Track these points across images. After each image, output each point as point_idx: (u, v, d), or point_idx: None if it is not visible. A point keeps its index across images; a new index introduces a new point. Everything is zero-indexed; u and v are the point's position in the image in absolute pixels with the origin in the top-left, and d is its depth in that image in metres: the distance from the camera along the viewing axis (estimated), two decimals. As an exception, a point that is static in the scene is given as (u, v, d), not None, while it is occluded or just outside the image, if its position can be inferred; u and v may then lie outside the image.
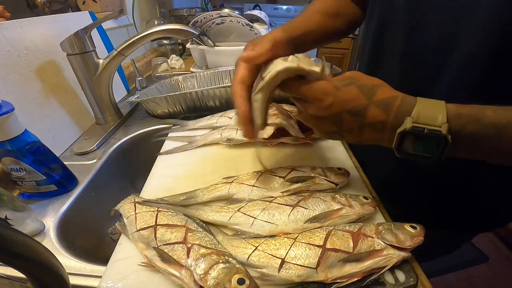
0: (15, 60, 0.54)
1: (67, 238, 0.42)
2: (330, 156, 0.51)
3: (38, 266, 0.20)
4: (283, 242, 0.32)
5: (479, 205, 0.48)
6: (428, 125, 0.27)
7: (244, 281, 0.27)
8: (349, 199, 0.37)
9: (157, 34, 0.61)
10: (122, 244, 0.36)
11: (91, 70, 0.62)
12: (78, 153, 0.59)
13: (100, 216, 0.53)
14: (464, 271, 1.41)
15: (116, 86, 0.79)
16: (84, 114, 0.69)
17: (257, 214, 0.36)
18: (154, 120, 0.72)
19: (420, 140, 0.28)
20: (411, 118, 0.28)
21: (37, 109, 0.56)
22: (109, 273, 0.32)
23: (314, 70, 0.31)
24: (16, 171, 0.43)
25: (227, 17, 0.96)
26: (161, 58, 0.99)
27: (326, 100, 0.31)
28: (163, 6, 1.44)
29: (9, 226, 0.24)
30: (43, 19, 0.64)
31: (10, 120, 0.39)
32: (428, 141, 0.28)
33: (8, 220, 0.36)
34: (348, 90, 0.31)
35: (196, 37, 0.94)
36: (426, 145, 0.28)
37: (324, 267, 0.29)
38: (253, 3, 2.78)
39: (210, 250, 0.31)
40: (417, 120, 0.28)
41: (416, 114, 0.28)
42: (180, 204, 0.39)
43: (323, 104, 0.31)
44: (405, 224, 0.33)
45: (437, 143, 0.28)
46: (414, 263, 0.33)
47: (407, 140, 0.29)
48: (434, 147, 0.28)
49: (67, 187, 0.49)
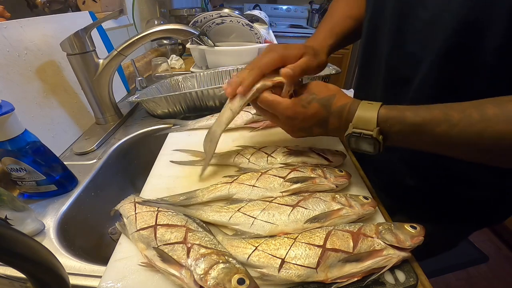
0: (15, 60, 0.54)
1: (67, 238, 0.42)
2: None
3: (38, 266, 0.20)
4: (283, 242, 0.32)
5: (477, 200, 0.49)
6: (363, 129, 0.35)
7: (244, 281, 0.27)
8: (349, 199, 0.37)
9: (157, 34, 0.61)
10: (122, 244, 0.36)
11: (91, 70, 0.62)
12: (78, 153, 0.59)
13: (100, 216, 0.53)
14: (464, 271, 1.41)
15: (116, 86, 0.79)
16: (84, 114, 0.69)
17: (257, 214, 0.36)
18: (154, 120, 0.72)
19: (360, 140, 0.35)
20: (351, 124, 0.36)
21: (37, 109, 0.56)
22: (109, 273, 0.32)
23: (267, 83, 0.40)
24: (16, 171, 0.43)
25: (227, 17, 0.96)
26: (161, 58, 0.99)
27: (298, 118, 0.39)
28: (163, 6, 1.44)
29: (9, 226, 0.24)
30: (43, 19, 0.64)
31: (10, 120, 0.39)
32: (366, 141, 0.35)
33: (8, 220, 0.36)
34: (312, 107, 0.38)
35: (196, 37, 0.94)
36: (365, 144, 0.36)
37: (324, 267, 0.29)
38: (253, 3, 2.78)
39: (210, 250, 0.31)
40: (356, 126, 0.35)
41: (355, 121, 0.35)
42: (180, 204, 0.39)
43: (295, 122, 0.40)
44: (405, 224, 0.33)
45: (372, 142, 0.35)
46: (414, 263, 0.33)
47: (352, 140, 0.36)
48: (371, 145, 0.35)
49: (67, 187, 0.49)
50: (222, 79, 0.89)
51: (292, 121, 0.40)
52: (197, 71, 0.92)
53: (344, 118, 0.37)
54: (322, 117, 0.38)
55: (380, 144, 0.34)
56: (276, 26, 2.61)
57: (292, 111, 0.39)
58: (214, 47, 0.94)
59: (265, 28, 1.29)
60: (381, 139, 0.34)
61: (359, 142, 0.36)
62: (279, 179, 0.41)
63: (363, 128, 0.34)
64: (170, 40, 1.28)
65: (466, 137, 0.30)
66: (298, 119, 0.39)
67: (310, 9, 2.82)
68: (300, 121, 0.39)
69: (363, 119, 0.35)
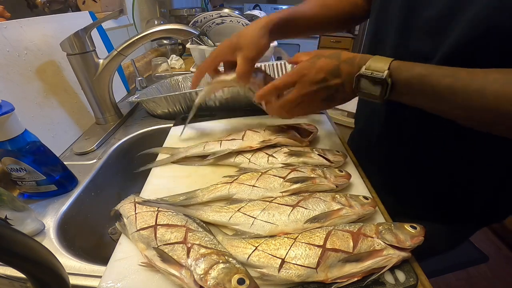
0: (15, 60, 0.54)
1: (67, 238, 0.42)
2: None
3: (38, 266, 0.20)
4: (283, 242, 0.32)
5: (478, 199, 0.49)
6: (375, 71, 0.37)
7: (244, 281, 0.27)
8: (349, 199, 0.37)
9: (157, 34, 0.61)
10: (122, 244, 0.36)
11: (91, 70, 0.62)
12: (78, 153, 0.59)
13: (100, 216, 0.53)
14: (464, 271, 1.41)
15: (116, 86, 0.79)
16: (84, 114, 0.69)
17: (257, 214, 0.36)
18: (154, 120, 0.72)
19: (370, 81, 0.37)
20: (364, 66, 0.38)
21: (37, 109, 0.56)
22: (109, 273, 0.32)
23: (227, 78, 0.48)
24: (16, 171, 0.43)
25: (227, 17, 0.96)
26: (161, 58, 0.99)
27: (311, 72, 0.41)
28: (163, 6, 1.44)
29: (9, 226, 0.24)
30: (43, 19, 0.64)
31: (10, 120, 0.39)
32: (375, 82, 0.37)
33: (8, 220, 0.36)
34: (321, 61, 0.40)
35: (196, 37, 0.94)
36: (373, 86, 0.37)
37: (324, 267, 0.29)
38: (253, 3, 2.79)
39: (210, 250, 0.31)
40: (368, 68, 0.37)
41: (368, 64, 0.37)
42: (180, 204, 0.39)
43: (310, 75, 0.41)
44: (405, 224, 0.33)
45: (380, 83, 0.36)
46: (414, 263, 0.33)
47: (361, 82, 0.38)
48: (380, 87, 0.37)
49: (67, 187, 0.49)
50: (222, 79, 0.89)
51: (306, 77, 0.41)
52: (197, 71, 0.92)
53: (357, 64, 0.39)
54: (334, 65, 0.40)
55: (387, 87, 0.36)
56: (276, 26, 2.60)
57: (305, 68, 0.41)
58: (214, 47, 0.94)
59: (265, 28, 1.28)
60: (390, 81, 0.36)
61: (368, 82, 0.37)
62: (279, 179, 0.41)
63: (374, 70, 0.37)
64: (170, 40, 1.28)
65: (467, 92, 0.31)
66: (311, 73, 0.40)
67: (310, 9, 2.81)
68: (314, 74, 0.40)
69: (376, 63, 0.37)
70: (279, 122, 0.54)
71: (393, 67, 0.36)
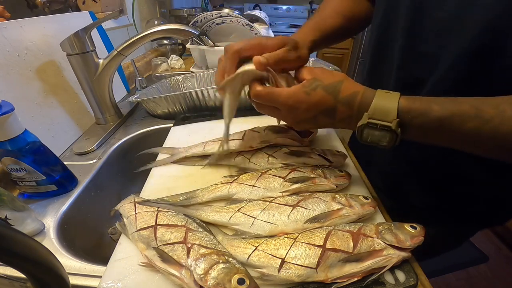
0: (15, 60, 0.54)
1: (67, 238, 0.42)
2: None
3: (38, 266, 0.20)
4: (283, 242, 0.32)
5: (481, 200, 0.49)
6: (381, 121, 0.32)
7: (244, 281, 0.27)
8: (349, 199, 0.37)
9: (157, 34, 0.61)
10: (122, 244, 0.36)
11: (91, 70, 0.62)
12: (78, 153, 0.59)
13: (100, 216, 0.53)
14: (464, 271, 1.41)
15: (116, 86, 0.79)
16: (84, 114, 0.69)
17: (257, 214, 0.36)
18: (154, 120, 0.72)
19: (376, 132, 0.33)
20: (367, 114, 0.32)
21: (37, 109, 0.56)
22: (109, 273, 0.32)
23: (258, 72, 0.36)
24: (16, 171, 0.43)
25: (227, 17, 0.96)
26: (161, 58, 0.99)
27: (301, 107, 0.35)
28: (163, 6, 1.44)
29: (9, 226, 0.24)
30: (43, 19, 0.64)
31: (10, 120, 0.39)
32: (382, 133, 0.32)
33: (8, 220, 0.36)
34: (316, 94, 0.35)
35: (196, 37, 0.94)
36: (380, 136, 0.33)
37: (324, 267, 0.29)
38: (253, 3, 2.78)
39: (210, 250, 0.31)
40: (372, 116, 0.32)
41: (372, 110, 0.32)
42: (180, 204, 0.39)
43: (298, 112, 0.36)
44: (405, 224, 0.33)
45: (389, 135, 0.32)
46: (414, 263, 0.33)
47: (365, 131, 0.33)
48: (387, 138, 0.33)
49: (67, 187, 0.49)
50: (222, 79, 0.89)
51: (295, 112, 0.36)
52: (197, 71, 0.92)
53: (357, 107, 0.34)
54: (329, 106, 0.35)
55: (397, 137, 0.32)
56: (276, 26, 2.61)
57: (294, 100, 0.35)
58: (214, 47, 0.94)
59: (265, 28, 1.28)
60: (399, 132, 0.31)
61: (374, 134, 0.33)
62: (279, 179, 0.41)
63: (381, 119, 0.32)
64: (170, 40, 1.28)
65: (499, 135, 0.28)
66: (301, 109, 0.35)
67: (310, 9, 2.82)
68: (303, 110, 0.36)
69: (382, 109, 0.32)
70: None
71: (403, 111, 0.31)
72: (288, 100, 0.36)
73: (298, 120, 0.38)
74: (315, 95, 0.35)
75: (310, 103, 0.35)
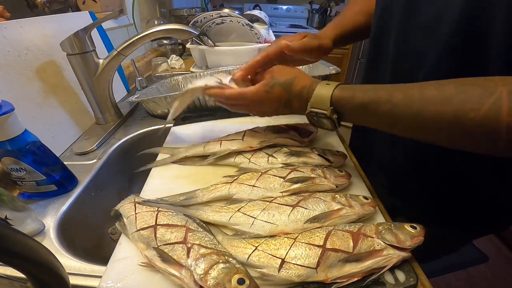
0: (15, 60, 0.54)
1: (67, 238, 0.42)
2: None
3: (38, 266, 0.20)
4: (283, 242, 0.32)
5: (481, 201, 0.48)
6: (319, 109, 0.37)
7: (244, 281, 0.27)
8: (349, 199, 0.37)
9: (157, 34, 0.61)
10: (122, 244, 0.36)
11: (91, 70, 0.62)
12: (78, 153, 0.59)
13: (100, 216, 0.53)
14: (464, 271, 1.41)
15: (116, 86, 0.79)
16: (84, 114, 0.69)
17: (257, 214, 0.36)
18: (154, 120, 0.72)
19: (318, 118, 0.39)
20: (309, 104, 0.38)
21: (37, 109, 0.56)
22: (109, 273, 0.32)
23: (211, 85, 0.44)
24: (16, 171, 0.43)
25: (227, 17, 0.96)
26: (161, 58, 0.99)
27: (264, 103, 0.42)
28: (163, 6, 1.44)
29: (9, 226, 0.24)
30: (43, 19, 0.64)
31: (10, 120, 0.39)
32: (323, 119, 0.38)
33: (8, 220, 0.36)
34: (275, 91, 0.41)
35: (196, 37, 0.94)
36: (323, 122, 0.39)
37: (324, 267, 0.29)
38: (253, 3, 2.78)
39: (210, 250, 0.31)
40: (312, 105, 0.38)
41: (312, 100, 0.38)
42: (180, 204, 0.39)
43: (262, 107, 0.43)
44: (405, 224, 0.33)
45: (328, 121, 0.38)
46: (414, 263, 0.33)
47: (313, 118, 0.39)
48: (328, 123, 0.38)
49: (67, 187, 0.49)
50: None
51: (259, 106, 0.43)
52: (197, 71, 0.92)
53: (305, 99, 0.39)
54: (285, 100, 0.41)
55: (335, 122, 0.37)
56: (276, 26, 2.61)
57: (257, 97, 0.42)
58: (214, 47, 0.94)
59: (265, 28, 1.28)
60: (335, 118, 0.37)
61: (318, 120, 0.39)
62: (279, 179, 0.41)
63: (319, 107, 0.37)
64: (170, 40, 1.28)
65: (406, 117, 0.31)
66: (264, 104, 0.42)
67: (310, 9, 2.82)
68: (266, 105, 0.43)
69: (319, 98, 0.37)
70: (280, 122, 0.54)
71: (334, 100, 0.36)
72: (253, 97, 0.42)
73: (263, 112, 0.45)
74: (273, 92, 0.41)
75: (271, 99, 0.41)
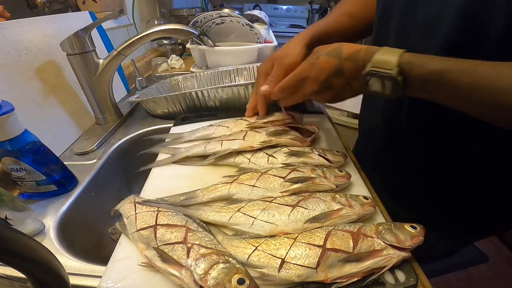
0: (15, 60, 0.54)
1: (67, 238, 0.42)
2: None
3: (38, 266, 0.20)
4: (283, 242, 0.32)
5: (483, 208, 0.48)
6: (382, 69, 0.34)
7: (244, 281, 0.27)
8: (349, 199, 0.37)
9: (157, 34, 0.61)
10: (122, 244, 0.36)
11: (91, 70, 0.62)
12: (78, 153, 0.59)
13: (100, 216, 0.53)
14: (464, 271, 1.41)
15: (116, 86, 0.79)
16: (84, 114, 0.69)
17: (257, 214, 0.36)
18: (154, 120, 0.72)
19: (379, 80, 0.35)
20: (370, 63, 0.35)
21: (37, 109, 0.56)
22: (109, 273, 0.32)
23: None
24: (16, 171, 0.43)
25: (227, 17, 0.96)
26: (161, 58, 0.99)
27: (311, 75, 0.40)
28: (163, 6, 1.44)
29: (9, 226, 0.24)
30: (43, 19, 0.64)
31: (10, 120, 0.39)
32: (384, 81, 0.34)
33: (8, 220, 0.36)
34: (320, 61, 0.39)
35: (196, 37, 0.94)
36: (384, 85, 0.35)
37: (324, 267, 0.29)
38: (253, 3, 2.78)
39: (210, 250, 0.31)
40: (374, 65, 0.34)
41: (374, 60, 0.35)
42: (180, 204, 0.39)
43: (311, 79, 0.40)
44: (405, 224, 0.33)
45: (391, 83, 0.34)
46: (414, 263, 0.33)
47: (371, 81, 0.35)
48: (390, 86, 0.34)
49: (67, 187, 0.49)
50: (222, 79, 0.89)
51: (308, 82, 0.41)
52: (197, 71, 0.92)
53: (361, 60, 0.36)
54: (334, 66, 0.38)
55: (399, 85, 0.33)
56: (276, 26, 2.61)
57: (302, 72, 0.41)
58: (214, 47, 0.94)
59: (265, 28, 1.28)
60: (400, 80, 0.33)
61: (377, 81, 0.35)
62: (279, 179, 0.41)
63: (381, 67, 0.34)
64: (170, 40, 1.28)
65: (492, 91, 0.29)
66: (311, 77, 0.40)
67: (310, 9, 2.82)
68: (314, 79, 0.40)
69: (384, 59, 0.34)
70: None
71: (404, 62, 0.33)
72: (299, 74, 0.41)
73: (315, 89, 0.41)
74: (319, 62, 0.39)
75: (318, 70, 0.39)
